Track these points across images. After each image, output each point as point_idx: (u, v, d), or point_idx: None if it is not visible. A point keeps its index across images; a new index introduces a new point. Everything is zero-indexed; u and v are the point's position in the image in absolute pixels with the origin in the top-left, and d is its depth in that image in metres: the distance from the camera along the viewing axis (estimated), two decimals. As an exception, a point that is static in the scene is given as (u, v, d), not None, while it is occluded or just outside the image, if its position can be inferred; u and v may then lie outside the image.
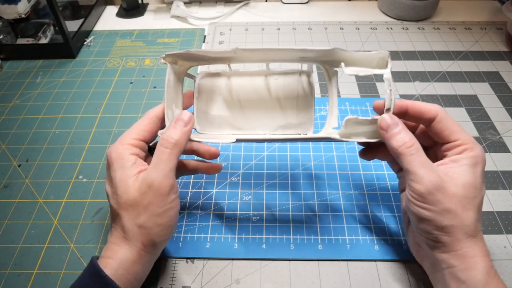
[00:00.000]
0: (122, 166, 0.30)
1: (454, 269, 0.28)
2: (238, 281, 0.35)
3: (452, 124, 0.31)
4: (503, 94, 0.53)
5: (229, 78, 0.36)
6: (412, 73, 0.56)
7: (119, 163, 0.30)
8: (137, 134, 0.32)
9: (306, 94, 0.35)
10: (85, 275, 0.29)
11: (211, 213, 0.40)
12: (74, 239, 0.38)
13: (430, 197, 0.28)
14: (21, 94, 0.55)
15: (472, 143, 0.30)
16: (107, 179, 0.32)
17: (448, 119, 0.31)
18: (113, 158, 0.31)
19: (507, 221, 0.39)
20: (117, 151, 0.31)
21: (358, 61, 0.32)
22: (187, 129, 0.31)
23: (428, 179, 0.28)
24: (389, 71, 0.31)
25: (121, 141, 0.32)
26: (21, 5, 0.57)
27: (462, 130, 0.31)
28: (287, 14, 0.70)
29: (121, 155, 0.31)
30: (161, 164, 0.30)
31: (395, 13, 0.67)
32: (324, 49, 0.32)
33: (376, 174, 0.43)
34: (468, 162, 0.29)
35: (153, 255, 0.32)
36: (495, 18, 0.68)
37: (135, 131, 0.32)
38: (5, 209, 0.41)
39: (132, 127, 0.33)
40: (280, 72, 0.35)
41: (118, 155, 0.31)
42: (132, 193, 0.29)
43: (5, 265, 0.37)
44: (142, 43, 0.64)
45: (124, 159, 0.31)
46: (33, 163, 0.46)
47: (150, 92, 0.55)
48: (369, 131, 0.33)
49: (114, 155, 0.31)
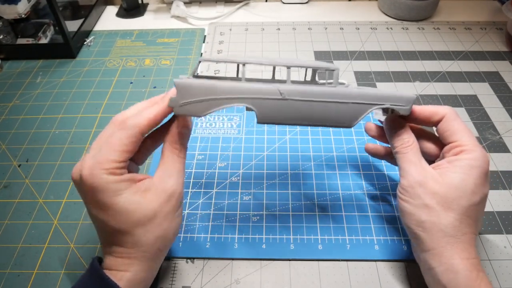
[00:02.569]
0: (119, 190, 0.27)
1: (435, 270, 0.29)
2: (238, 281, 0.35)
3: (455, 126, 0.31)
4: (503, 94, 0.53)
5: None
6: (412, 73, 0.56)
7: (111, 189, 0.27)
8: (116, 154, 0.27)
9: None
10: (86, 276, 0.29)
11: (211, 213, 0.40)
12: (74, 239, 0.38)
13: (411, 191, 0.30)
14: (21, 94, 0.55)
15: (473, 146, 0.30)
16: (94, 205, 0.27)
17: (454, 120, 0.31)
18: (98, 185, 0.26)
19: (507, 221, 0.39)
20: (98, 177, 0.26)
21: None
22: (189, 133, 0.31)
23: (412, 174, 0.30)
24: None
25: (100, 163, 0.27)
26: (21, 5, 0.57)
27: (465, 132, 0.31)
28: (287, 14, 0.70)
29: (108, 180, 0.26)
30: (173, 169, 0.30)
31: (395, 13, 0.67)
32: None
33: (376, 174, 0.43)
34: (462, 164, 0.29)
35: (161, 261, 0.31)
36: (495, 18, 0.68)
37: (112, 151, 0.27)
38: (5, 209, 0.41)
39: (108, 143, 0.27)
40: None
41: (103, 181, 0.26)
42: (147, 208, 0.28)
43: (5, 265, 0.37)
44: (142, 43, 0.64)
45: (117, 183, 0.27)
46: (33, 163, 0.46)
47: (150, 92, 0.55)
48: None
49: (98, 182, 0.26)
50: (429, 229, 0.29)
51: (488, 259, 0.36)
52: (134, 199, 0.27)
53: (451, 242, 0.28)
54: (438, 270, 0.28)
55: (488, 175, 0.30)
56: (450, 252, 0.28)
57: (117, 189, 0.27)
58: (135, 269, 0.28)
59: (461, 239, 0.28)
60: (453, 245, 0.28)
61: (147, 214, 0.28)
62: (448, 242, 0.28)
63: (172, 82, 0.56)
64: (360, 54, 0.60)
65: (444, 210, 0.29)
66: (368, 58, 0.59)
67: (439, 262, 0.28)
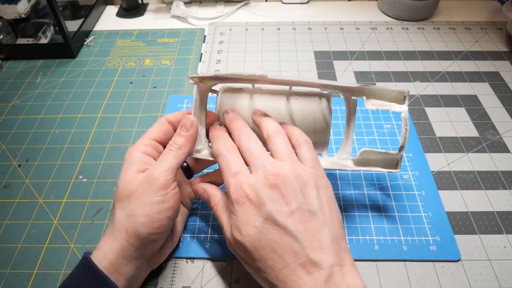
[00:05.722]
0: (129, 163, 0.32)
1: None
2: (238, 281, 0.35)
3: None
4: (503, 94, 0.53)
5: (251, 95, 0.36)
6: (412, 73, 0.56)
7: (127, 161, 0.33)
8: (149, 135, 0.34)
9: (324, 117, 0.36)
10: (78, 269, 0.30)
11: (211, 213, 0.40)
12: (74, 239, 0.38)
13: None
14: (21, 94, 0.55)
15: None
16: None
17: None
18: (125, 158, 0.33)
19: (507, 221, 0.39)
20: (129, 152, 0.33)
21: (378, 94, 0.35)
22: (189, 134, 0.33)
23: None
24: (406, 108, 0.34)
25: (135, 143, 0.34)
26: (21, 5, 0.57)
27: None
28: (287, 14, 0.70)
29: (131, 154, 0.33)
30: (163, 161, 0.32)
31: (395, 13, 0.67)
32: (349, 86, 0.34)
33: (376, 174, 0.43)
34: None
35: (139, 252, 0.31)
36: (495, 18, 0.68)
37: (147, 133, 0.35)
38: (5, 209, 0.41)
39: (146, 131, 0.35)
40: (301, 93, 0.36)
41: (129, 155, 0.33)
42: (130, 186, 0.31)
43: (5, 265, 0.37)
44: (142, 43, 0.64)
45: (132, 157, 0.33)
46: (33, 163, 0.46)
47: (150, 92, 0.55)
48: (382, 159, 0.36)
49: (126, 155, 0.33)
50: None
51: (488, 259, 0.36)
52: (128, 175, 0.31)
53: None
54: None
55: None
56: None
57: (129, 162, 0.32)
58: (109, 245, 0.30)
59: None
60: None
61: (125, 190, 0.31)
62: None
63: (173, 82, 0.56)
64: (360, 54, 0.60)
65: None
66: (368, 58, 0.59)
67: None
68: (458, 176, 0.43)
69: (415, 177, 0.43)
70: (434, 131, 0.48)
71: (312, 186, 0.30)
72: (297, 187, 0.29)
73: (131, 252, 0.30)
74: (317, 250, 0.27)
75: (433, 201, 0.40)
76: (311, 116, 0.36)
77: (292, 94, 0.36)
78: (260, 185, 0.29)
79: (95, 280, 0.29)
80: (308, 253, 0.27)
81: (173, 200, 0.31)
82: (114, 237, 0.30)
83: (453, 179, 0.43)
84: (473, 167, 0.44)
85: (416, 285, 0.34)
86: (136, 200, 0.30)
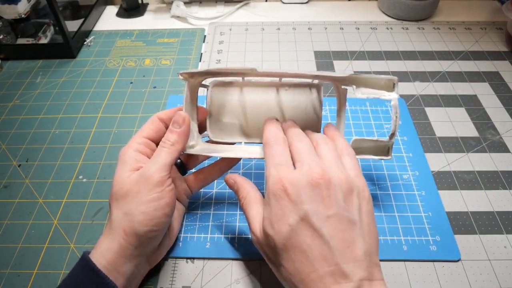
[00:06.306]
0: (122, 163, 0.32)
1: None
2: (238, 281, 0.35)
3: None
4: (503, 94, 0.53)
5: (241, 89, 0.36)
6: (412, 73, 0.56)
7: (121, 160, 0.33)
8: (141, 133, 0.34)
9: (314, 108, 0.36)
10: (77, 269, 0.30)
11: (211, 213, 0.40)
12: (74, 239, 0.39)
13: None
14: (21, 94, 0.55)
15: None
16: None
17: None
18: (119, 157, 0.33)
19: (507, 221, 0.39)
20: (122, 151, 0.33)
21: (368, 83, 0.35)
22: (182, 130, 0.33)
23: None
24: (396, 96, 0.34)
25: (128, 142, 0.34)
26: (21, 5, 0.57)
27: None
28: (287, 14, 0.70)
29: (124, 153, 0.33)
30: (157, 158, 0.32)
31: (395, 13, 0.67)
32: (339, 76, 0.34)
33: (376, 174, 0.43)
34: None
35: (138, 251, 0.31)
36: (495, 18, 0.68)
37: (139, 132, 0.35)
38: (5, 209, 0.41)
39: (138, 130, 0.35)
40: (291, 84, 0.36)
41: (122, 154, 0.33)
42: (125, 184, 0.31)
43: (5, 265, 0.37)
44: (142, 43, 0.64)
45: (125, 156, 0.33)
46: (33, 163, 0.46)
47: (150, 92, 0.55)
48: (373, 146, 0.36)
49: (120, 155, 0.33)
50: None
51: (488, 259, 0.36)
52: (123, 174, 0.31)
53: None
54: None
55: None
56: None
57: (123, 161, 0.32)
58: (107, 244, 0.30)
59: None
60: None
61: (121, 190, 0.31)
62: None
63: (173, 82, 0.56)
64: (360, 54, 0.60)
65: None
66: (368, 58, 0.59)
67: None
68: (458, 176, 0.43)
69: (415, 177, 0.43)
70: (434, 131, 0.48)
71: (355, 195, 0.28)
72: (340, 192, 0.28)
73: (129, 250, 0.30)
74: (349, 261, 0.26)
75: (433, 201, 0.40)
76: (302, 106, 0.36)
77: (282, 85, 0.36)
78: (302, 182, 0.28)
79: (94, 279, 0.29)
80: (339, 262, 0.26)
81: (169, 196, 0.31)
82: (112, 236, 0.30)
83: (453, 179, 0.43)
84: (473, 167, 0.44)
85: (416, 285, 0.34)
86: (132, 198, 0.30)
